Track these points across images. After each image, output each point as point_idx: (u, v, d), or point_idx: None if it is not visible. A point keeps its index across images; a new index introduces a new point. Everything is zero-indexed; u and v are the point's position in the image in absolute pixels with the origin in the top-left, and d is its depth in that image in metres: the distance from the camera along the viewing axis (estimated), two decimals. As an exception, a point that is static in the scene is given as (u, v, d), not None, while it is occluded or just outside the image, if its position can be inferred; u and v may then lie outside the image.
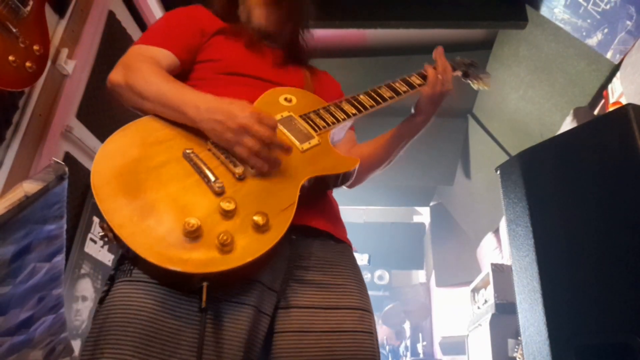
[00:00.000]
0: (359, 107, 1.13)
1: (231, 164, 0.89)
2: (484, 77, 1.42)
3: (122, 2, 2.38)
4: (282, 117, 1.05)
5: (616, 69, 2.37)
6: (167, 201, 0.82)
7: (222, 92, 0.97)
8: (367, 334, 0.97)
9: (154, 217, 0.80)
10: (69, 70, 1.85)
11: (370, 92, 1.17)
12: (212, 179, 0.85)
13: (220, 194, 0.85)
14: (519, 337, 2.61)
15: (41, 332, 1.31)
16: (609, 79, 2.47)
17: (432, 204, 6.04)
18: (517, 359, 2.91)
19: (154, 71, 1.00)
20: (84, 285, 2.02)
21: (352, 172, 1.03)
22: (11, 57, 1.44)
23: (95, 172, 0.83)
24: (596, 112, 2.60)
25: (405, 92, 1.20)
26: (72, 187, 1.45)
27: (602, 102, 2.55)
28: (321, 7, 1.33)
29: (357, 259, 1.10)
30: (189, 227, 0.78)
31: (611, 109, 2.38)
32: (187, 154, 0.90)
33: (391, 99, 1.17)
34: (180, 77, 1.03)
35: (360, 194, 5.30)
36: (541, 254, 1.72)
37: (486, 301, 3.51)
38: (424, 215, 6.82)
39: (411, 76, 1.23)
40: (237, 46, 1.17)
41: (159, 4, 2.66)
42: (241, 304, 0.86)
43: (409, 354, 5.95)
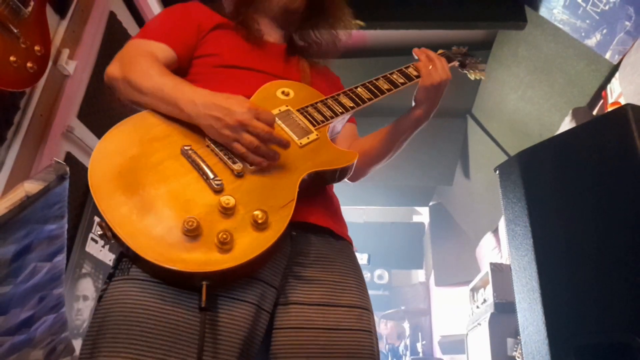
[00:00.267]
0: (357, 100, 1.12)
1: (230, 161, 0.89)
2: (480, 66, 1.41)
3: (123, 2, 2.38)
4: (279, 111, 1.04)
5: (615, 69, 2.37)
6: (166, 199, 0.82)
7: (219, 85, 0.96)
8: (366, 332, 0.96)
9: (153, 215, 0.80)
10: (70, 70, 1.85)
11: (367, 84, 1.16)
12: (211, 176, 0.85)
13: (219, 191, 0.84)
14: (518, 337, 2.60)
15: (42, 332, 1.31)
16: (607, 80, 2.47)
17: (431, 204, 6.04)
18: (516, 358, 2.91)
19: (152, 65, 0.99)
20: (85, 284, 2.02)
21: (351, 167, 1.03)
22: (12, 58, 1.44)
23: (92, 170, 0.82)
24: (595, 113, 2.61)
25: (402, 83, 1.18)
26: (73, 187, 1.45)
27: (601, 102, 2.55)
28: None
29: (357, 258, 1.09)
30: (188, 225, 0.78)
31: (610, 109, 2.37)
32: (185, 150, 0.89)
33: (389, 91, 1.16)
34: (178, 74, 1.02)
35: (360, 194, 5.30)
36: (540, 254, 1.72)
37: (485, 300, 3.52)
38: (423, 215, 6.82)
39: (408, 67, 1.22)
40: (235, 39, 1.17)
41: (159, 4, 2.66)
42: (242, 301, 0.85)
43: (409, 353, 5.95)
